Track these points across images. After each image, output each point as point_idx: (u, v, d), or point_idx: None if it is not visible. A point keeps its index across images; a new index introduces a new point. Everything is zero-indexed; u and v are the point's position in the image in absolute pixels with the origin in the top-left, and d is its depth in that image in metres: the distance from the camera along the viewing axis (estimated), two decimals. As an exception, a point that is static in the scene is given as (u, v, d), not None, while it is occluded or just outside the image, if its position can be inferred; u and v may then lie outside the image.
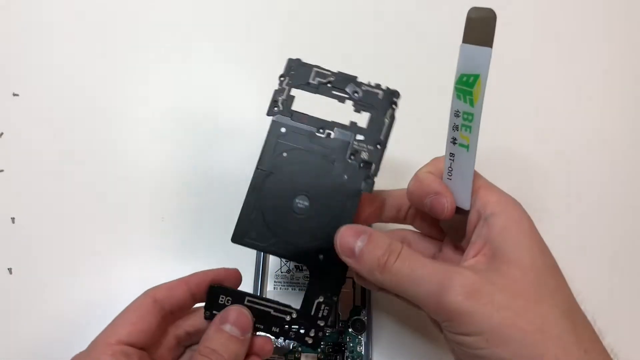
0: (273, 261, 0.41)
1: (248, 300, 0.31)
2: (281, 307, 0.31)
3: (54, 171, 0.45)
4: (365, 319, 0.39)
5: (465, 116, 0.28)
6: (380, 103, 0.33)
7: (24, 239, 0.43)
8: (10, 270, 0.42)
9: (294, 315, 0.31)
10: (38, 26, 0.50)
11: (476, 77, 0.27)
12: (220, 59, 0.50)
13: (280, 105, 0.33)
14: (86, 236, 0.43)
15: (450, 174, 0.31)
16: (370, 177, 0.31)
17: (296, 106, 0.34)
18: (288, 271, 0.40)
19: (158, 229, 0.44)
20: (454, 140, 0.30)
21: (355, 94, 0.33)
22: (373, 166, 0.32)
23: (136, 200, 0.44)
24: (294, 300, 0.39)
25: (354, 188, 0.31)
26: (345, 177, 0.31)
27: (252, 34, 0.51)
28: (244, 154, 0.46)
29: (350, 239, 0.29)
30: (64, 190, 0.45)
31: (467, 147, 0.29)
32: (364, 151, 0.32)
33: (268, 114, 0.34)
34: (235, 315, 0.31)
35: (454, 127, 0.29)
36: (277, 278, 0.40)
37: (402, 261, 0.28)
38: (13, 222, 0.43)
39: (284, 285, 0.40)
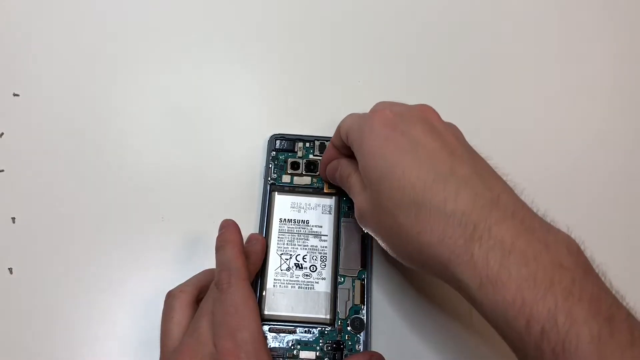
0: (273, 259, 0.42)
1: None
2: None
3: (54, 171, 0.47)
4: (364, 317, 0.41)
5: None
6: None
7: (24, 239, 0.45)
8: (10, 270, 0.44)
9: None
10: (38, 26, 0.53)
11: None
12: (221, 58, 0.52)
13: None
14: (86, 236, 0.45)
15: None
16: None
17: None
18: (288, 269, 0.42)
19: (158, 229, 0.45)
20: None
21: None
22: None
23: (136, 200, 0.46)
24: (293, 299, 0.41)
25: None
26: None
27: (253, 33, 0.53)
28: (245, 153, 0.48)
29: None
30: (64, 190, 0.46)
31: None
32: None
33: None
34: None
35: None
36: (276, 276, 0.42)
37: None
38: (13, 222, 0.45)
39: (284, 283, 0.42)
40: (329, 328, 0.41)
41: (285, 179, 0.46)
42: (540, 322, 0.26)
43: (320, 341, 0.40)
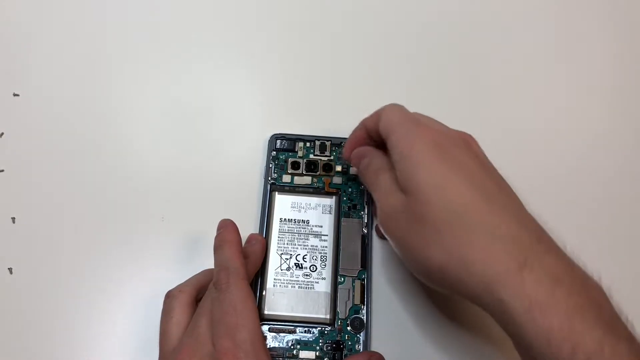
0: (273, 259, 0.43)
1: None
2: None
3: (54, 171, 0.47)
4: (364, 317, 0.41)
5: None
6: None
7: (24, 239, 0.45)
8: (10, 270, 0.44)
9: None
10: (38, 26, 0.53)
11: None
12: (221, 58, 0.53)
13: None
14: (86, 236, 0.45)
15: None
16: None
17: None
18: (288, 269, 0.42)
19: (158, 229, 0.45)
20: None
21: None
22: None
23: (136, 200, 0.46)
24: (293, 299, 0.41)
25: None
26: None
27: (253, 33, 0.54)
28: (245, 153, 0.48)
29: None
30: (64, 190, 0.46)
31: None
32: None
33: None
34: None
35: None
36: (276, 275, 0.42)
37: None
38: (13, 222, 0.45)
39: (284, 283, 0.42)
40: (329, 328, 0.41)
41: (286, 178, 0.46)
42: (588, 352, 0.27)
43: (320, 341, 0.41)
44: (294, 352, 0.40)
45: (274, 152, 0.47)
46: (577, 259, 0.31)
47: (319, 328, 0.41)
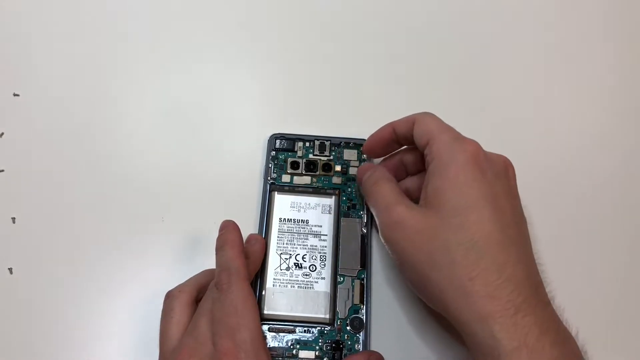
0: (272, 258, 0.43)
1: None
2: None
3: (54, 171, 0.47)
4: (363, 317, 0.41)
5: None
6: None
7: (24, 239, 0.45)
8: (10, 270, 0.44)
9: None
10: (38, 26, 0.53)
11: None
12: (221, 58, 0.53)
13: None
14: (86, 236, 0.45)
15: None
16: None
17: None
18: (287, 269, 0.42)
19: (158, 229, 0.45)
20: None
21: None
22: None
23: (136, 200, 0.46)
24: (293, 299, 0.41)
25: None
26: None
27: (252, 33, 0.54)
28: (244, 153, 0.48)
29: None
30: (64, 190, 0.47)
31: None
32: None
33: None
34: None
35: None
36: (276, 275, 0.42)
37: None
38: (13, 222, 0.45)
39: (283, 283, 0.42)
40: (329, 328, 0.41)
41: (285, 178, 0.46)
42: None
43: (320, 341, 0.41)
44: (294, 351, 0.40)
45: (274, 152, 0.47)
46: (560, 316, 0.34)
47: (319, 328, 0.41)
